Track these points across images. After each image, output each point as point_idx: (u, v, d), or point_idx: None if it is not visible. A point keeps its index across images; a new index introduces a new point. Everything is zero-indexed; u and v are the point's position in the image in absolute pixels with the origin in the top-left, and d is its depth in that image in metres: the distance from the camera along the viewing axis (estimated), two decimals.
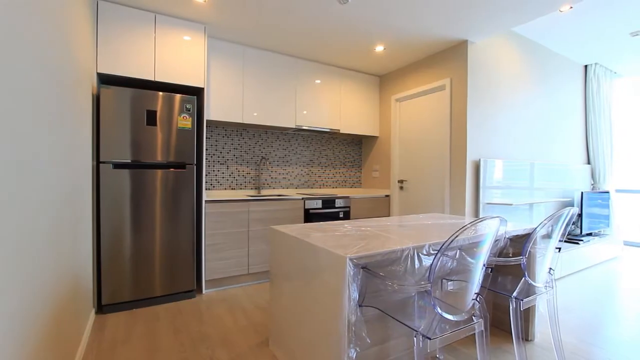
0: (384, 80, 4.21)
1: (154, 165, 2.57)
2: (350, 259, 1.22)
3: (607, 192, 4.30)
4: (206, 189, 3.42)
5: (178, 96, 2.63)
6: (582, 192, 3.82)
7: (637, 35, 3.51)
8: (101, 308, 2.42)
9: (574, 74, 4.44)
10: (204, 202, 2.78)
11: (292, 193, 3.84)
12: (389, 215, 4.02)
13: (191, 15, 2.69)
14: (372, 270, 1.42)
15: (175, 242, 2.63)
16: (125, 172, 2.45)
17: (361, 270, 1.36)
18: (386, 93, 4.16)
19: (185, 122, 2.66)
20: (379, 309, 1.53)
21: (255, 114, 3.34)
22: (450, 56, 3.30)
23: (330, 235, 1.60)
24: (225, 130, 3.53)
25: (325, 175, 4.28)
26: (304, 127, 3.67)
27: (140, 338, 2.04)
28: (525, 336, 2.07)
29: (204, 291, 2.84)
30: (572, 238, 3.79)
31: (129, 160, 2.46)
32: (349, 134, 4.15)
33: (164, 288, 2.60)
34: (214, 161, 3.46)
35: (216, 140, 3.47)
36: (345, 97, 4.01)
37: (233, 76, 3.22)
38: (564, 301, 2.69)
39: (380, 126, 4.26)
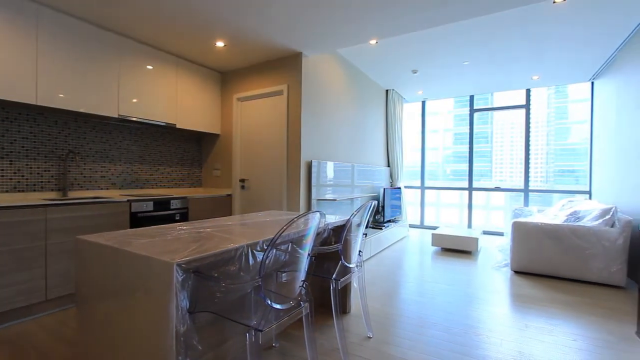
0: (225, 77, 4.13)
1: None
2: (179, 265, 1.14)
3: (399, 188, 5.67)
4: None
5: None
6: (384, 189, 4.90)
7: (416, 72, 4.78)
8: None
9: (380, 95, 5.62)
10: None
11: (114, 195, 3.24)
12: (230, 215, 3.98)
13: None
14: (203, 274, 1.37)
15: None
16: None
17: (192, 274, 1.29)
18: (228, 91, 4.10)
19: None
20: (213, 312, 1.50)
21: (61, 95, 2.63)
22: (287, 64, 3.56)
23: (158, 241, 1.45)
24: (7, 112, 2.63)
25: (158, 174, 3.82)
26: (131, 118, 3.16)
27: None
28: (344, 309, 2.48)
29: None
30: (378, 225, 4.80)
31: None
32: (187, 130, 3.85)
33: None
34: None
35: None
36: (183, 89, 3.70)
37: (20, 42, 2.43)
38: (370, 276, 3.38)
39: (222, 124, 4.16)
